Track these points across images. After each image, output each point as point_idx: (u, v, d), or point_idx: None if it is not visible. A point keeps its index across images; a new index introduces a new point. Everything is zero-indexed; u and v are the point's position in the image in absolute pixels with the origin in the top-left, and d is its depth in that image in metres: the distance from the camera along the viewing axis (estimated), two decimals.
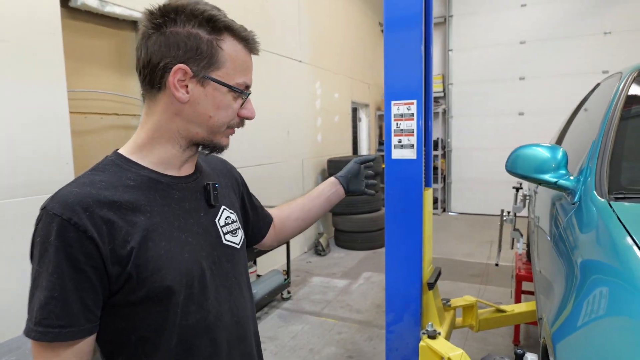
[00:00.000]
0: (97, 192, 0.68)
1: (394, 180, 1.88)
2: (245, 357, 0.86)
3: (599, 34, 6.50)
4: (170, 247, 0.73)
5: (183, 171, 0.81)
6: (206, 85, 0.74)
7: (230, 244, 0.85)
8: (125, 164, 0.75)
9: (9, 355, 1.91)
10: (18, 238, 2.18)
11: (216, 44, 0.73)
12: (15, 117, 2.17)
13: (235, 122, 0.80)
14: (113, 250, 0.67)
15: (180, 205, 0.77)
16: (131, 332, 0.72)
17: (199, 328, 0.76)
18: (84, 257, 0.65)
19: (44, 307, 0.64)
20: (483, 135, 7.41)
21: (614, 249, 0.83)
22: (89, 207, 0.66)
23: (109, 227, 0.67)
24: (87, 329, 0.67)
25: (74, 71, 2.58)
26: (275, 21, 4.62)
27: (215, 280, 0.80)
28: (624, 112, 1.27)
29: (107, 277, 0.67)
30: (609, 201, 0.99)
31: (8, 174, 2.15)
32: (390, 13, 1.85)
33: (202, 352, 0.77)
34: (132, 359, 0.73)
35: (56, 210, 0.65)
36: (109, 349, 0.74)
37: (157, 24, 0.71)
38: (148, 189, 0.74)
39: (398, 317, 1.92)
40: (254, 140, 4.18)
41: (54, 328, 0.64)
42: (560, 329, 0.78)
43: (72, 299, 0.65)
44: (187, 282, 0.74)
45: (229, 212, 0.88)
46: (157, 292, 0.70)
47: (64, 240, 0.64)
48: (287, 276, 3.79)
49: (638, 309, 0.68)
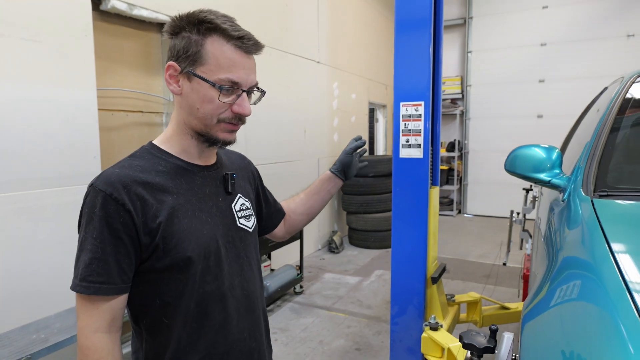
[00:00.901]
0: (134, 174, 0.81)
1: (401, 178, 1.96)
2: (253, 327, 0.97)
3: (622, 36, 6.38)
4: (192, 224, 0.85)
5: (205, 161, 0.93)
6: (192, 80, 0.83)
7: (243, 227, 0.97)
8: (157, 152, 0.88)
9: (38, 333, 2.07)
10: (52, 226, 2.35)
11: (202, 43, 0.81)
12: (51, 113, 2.34)
13: (227, 117, 0.85)
14: (145, 223, 0.80)
15: (202, 190, 0.90)
16: (156, 296, 0.85)
17: (214, 296, 0.88)
18: (122, 226, 0.78)
19: (88, 266, 0.77)
20: (500, 138, 7.35)
21: (588, 244, 0.89)
22: (127, 186, 0.79)
23: (142, 203, 0.80)
24: (122, 287, 0.80)
25: (103, 70, 2.75)
26: (295, 23, 4.74)
27: (229, 257, 0.92)
28: (618, 114, 1.32)
29: (139, 245, 0.80)
30: (592, 198, 1.05)
31: (45, 166, 2.32)
32: (400, 16, 1.92)
33: (215, 317, 0.89)
34: (155, 321, 0.86)
35: (101, 187, 0.78)
36: (136, 313, 0.87)
37: (171, 31, 0.85)
38: (175, 174, 0.87)
39: (402, 309, 2.00)
40: (272, 138, 4.31)
41: (95, 284, 0.77)
42: (531, 311, 0.85)
43: (111, 260, 0.78)
44: (205, 255, 0.86)
45: (244, 200, 1.00)
46: (179, 261, 0.83)
47: (107, 211, 0.77)
48: (300, 271, 3.90)
49: (602, 299, 0.73)
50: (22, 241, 2.24)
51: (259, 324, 1.00)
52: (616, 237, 0.84)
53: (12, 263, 2.20)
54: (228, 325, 0.91)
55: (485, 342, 0.94)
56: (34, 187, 2.28)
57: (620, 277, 0.71)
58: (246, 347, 0.94)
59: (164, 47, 3.23)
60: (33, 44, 2.25)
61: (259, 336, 0.99)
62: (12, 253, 2.20)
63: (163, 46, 3.23)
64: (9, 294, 2.19)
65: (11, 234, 2.19)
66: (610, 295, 0.69)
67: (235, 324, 0.92)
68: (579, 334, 0.69)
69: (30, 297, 2.28)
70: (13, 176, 2.19)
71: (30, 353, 1.86)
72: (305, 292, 3.99)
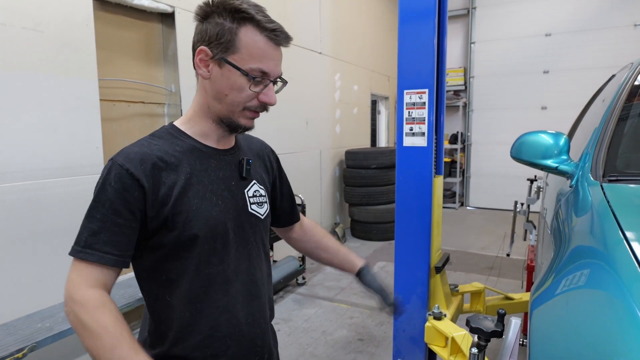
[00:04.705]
0: (152, 152, 0.85)
1: (404, 166, 1.94)
2: (258, 313, 0.97)
3: (629, 25, 6.31)
4: (202, 204, 0.86)
5: (222, 145, 0.94)
6: (223, 66, 0.85)
7: (254, 213, 0.97)
8: (176, 133, 0.91)
9: (43, 321, 2.08)
10: (55, 217, 2.35)
11: (235, 31, 0.83)
12: (54, 103, 2.33)
13: (253, 105, 0.88)
14: (156, 199, 0.82)
15: (216, 172, 0.91)
16: (161, 273, 0.87)
17: (219, 278, 0.89)
18: (134, 200, 0.81)
19: (95, 234, 0.79)
20: (504, 130, 7.30)
21: (599, 229, 0.88)
22: (144, 163, 0.82)
23: (156, 181, 0.83)
24: (123, 261, 0.82)
25: (105, 61, 2.73)
26: (295, 13, 4.69)
27: (237, 241, 0.92)
28: (628, 101, 1.30)
29: (147, 220, 0.83)
30: (602, 183, 1.04)
31: (48, 157, 2.32)
32: (404, 4, 1.90)
33: (219, 300, 0.89)
34: (159, 298, 0.88)
35: (120, 162, 0.82)
36: (145, 288, 0.89)
37: (202, 15, 0.86)
38: (191, 155, 0.89)
39: (406, 299, 1.99)
40: (274, 129, 4.29)
41: (100, 252, 0.79)
42: (541, 296, 0.84)
43: (118, 232, 0.80)
44: (212, 236, 0.87)
45: (259, 187, 1.00)
46: (185, 239, 0.85)
47: (123, 185, 0.80)
48: (303, 262, 3.90)
49: (614, 286, 0.71)
50: (26, 229, 2.24)
51: (264, 311, 0.99)
52: (628, 220, 0.82)
53: (17, 253, 2.20)
54: (232, 309, 0.91)
55: (493, 327, 0.93)
56: (38, 177, 2.27)
57: (635, 262, 0.69)
58: (250, 332, 0.94)
59: (165, 38, 3.20)
60: (34, 33, 2.23)
61: (263, 323, 0.99)
62: (17, 243, 2.20)
63: (164, 36, 3.21)
64: (14, 283, 2.20)
65: (15, 224, 2.19)
66: (625, 280, 0.67)
67: (240, 309, 0.92)
68: (592, 318, 0.68)
69: (35, 286, 2.28)
70: (17, 166, 2.18)
71: (35, 341, 1.87)
72: (307, 283, 3.99)
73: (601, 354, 0.60)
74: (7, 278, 2.17)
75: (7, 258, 2.16)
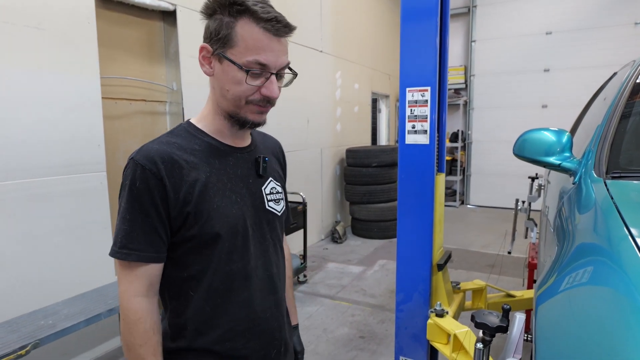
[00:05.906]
0: (172, 150, 0.85)
1: (407, 164, 1.95)
2: (275, 308, 0.98)
3: (630, 24, 6.30)
4: (222, 202, 0.88)
5: (239, 143, 0.95)
6: (222, 62, 0.84)
7: (272, 210, 0.98)
8: (194, 131, 0.91)
9: (46, 319, 2.09)
10: (57, 214, 2.36)
11: (232, 25, 0.82)
12: (55, 101, 2.33)
13: (256, 99, 0.86)
14: (178, 198, 0.83)
15: (234, 170, 0.92)
16: (184, 269, 0.88)
17: (240, 274, 0.90)
18: (159, 199, 0.82)
19: (129, 234, 0.82)
20: (504, 128, 7.31)
21: (603, 224, 0.88)
22: (165, 161, 0.83)
23: (177, 179, 0.83)
24: (158, 257, 0.85)
25: (107, 59, 2.73)
26: (296, 11, 4.69)
27: (255, 238, 0.93)
28: (630, 98, 1.30)
29: (171, 218, 0.84)
30: (605, 180, 1.04)
31: (51, 154, 2.32)
32: (407, 2, 1.90)
33: (239, 295, 0.91)
34: (181, 292, 0.89)
35: (141, 161, 0.82)
36: (163, 283, 0.89)
37: (207, 12, 0.86)
38: (209, 154, 0.90)
39: (408, 296, 2.00)
40: (274, 128, 4.29)
41: (135, 251, 0.82)
42: (545, 293, 0.84)
43: (149, 231, 0.82)
44: (233, 234, 0.88)
45: (275, 184, 1.01)
46: (207, 237, 0.86)
47: (147, 184, 0.81)
48: (304, 260, 3.90)
49: (619, 282, 0.71)
50: (29, 228, 2.24)
51: (281, 306, 1.01)
52: (633, 217, 0.82)
53: (20, 250, 2.21)
54: (251, 304, 0.92)
55: (498, 322, 0.93)
56: (40, 175, 2.28)
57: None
58: (268, 326, 0.96)
59: (167, 36, 3.20)
60: (37, 31, 2.23)
61: (280, 317, 1.01)
62: (19, 239, 2.21)
63: (166, 34, 3.21)
64: (17, 280, 2.20)
65: (18, 221, 2.19)
66: (630, 276, 0.67)
67: (259, 303, 0.94)
68: (598, 314, 0.68)
69: (38, 284, 2.29)
70: (19, 164, 2.19)
71: (38, 338, 1.87)
72: (309, 281, 4.00)
73: (607, 349, 0.61)
74: (11, 275, 2.17)
75: (10, 253, 2.17)
